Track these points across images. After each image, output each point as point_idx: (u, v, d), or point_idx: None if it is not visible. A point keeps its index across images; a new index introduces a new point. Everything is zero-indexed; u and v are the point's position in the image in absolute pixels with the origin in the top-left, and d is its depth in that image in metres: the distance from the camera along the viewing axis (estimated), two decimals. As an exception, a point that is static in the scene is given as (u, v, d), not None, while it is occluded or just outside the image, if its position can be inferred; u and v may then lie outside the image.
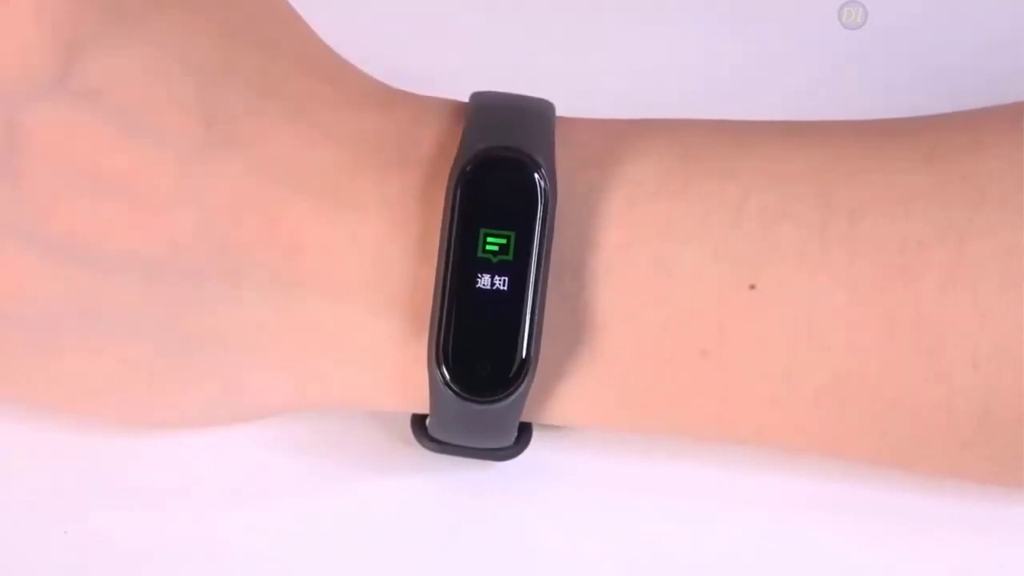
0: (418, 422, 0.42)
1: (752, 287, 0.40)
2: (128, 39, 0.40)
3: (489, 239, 0.40)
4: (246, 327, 0.40)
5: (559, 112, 0.41)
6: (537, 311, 0.39)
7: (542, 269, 0.39)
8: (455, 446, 0.42)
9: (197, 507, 0.43)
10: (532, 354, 0.39)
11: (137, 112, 0.40)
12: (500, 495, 0.43)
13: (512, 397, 0.40)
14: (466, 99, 0.42)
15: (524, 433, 0.42)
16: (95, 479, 0.43)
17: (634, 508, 0.43)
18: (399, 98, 0.42)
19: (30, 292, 0.39)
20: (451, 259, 0.39)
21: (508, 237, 0.40)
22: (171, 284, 0.40)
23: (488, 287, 0.40)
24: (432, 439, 0.42)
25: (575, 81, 0.43)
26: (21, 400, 0.43)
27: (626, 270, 0.40)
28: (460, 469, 0.43)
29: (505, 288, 0.39)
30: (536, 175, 0.40)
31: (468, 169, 0.40)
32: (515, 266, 0.40)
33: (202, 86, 0.40)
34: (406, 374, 0.41)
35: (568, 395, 0.41)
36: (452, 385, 0.40)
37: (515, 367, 0.39)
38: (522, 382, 0.39)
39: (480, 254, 0.39)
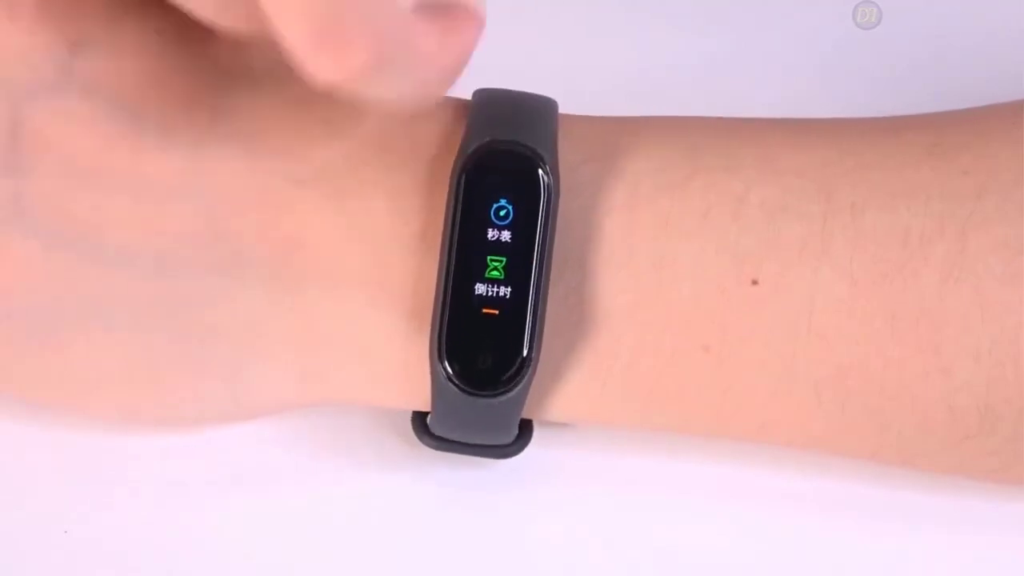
0: (419, 419, 0.42)
1: (754, 281, 0.40)
2: (131, 34, 0.40)
3: (492, 233, 0.40)
4: (246, 321, 0.40)
5: (563, 109, 0.41)
6: (540, 305, 0.39)
7: (544, 263, 0.39)
8: (456, 443, 0.42)
9: (198, 506, 0.43)
10: (534, 347, 0.39)
11: (140, 106, 0.40)
12: (500, 492, 0.43)
13: (514, 391, 0.40)
14: (469, 97, 0.42)
15: (525, 431, 0.42)
16: (95, 479, 0.43)
17: (635, 506, 0.43)
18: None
19: (32, 285, 0.39)
20: (453, 253, 0.39)
21: (511, 231, 0.40)
22: (172, 278, 0.40)
23: (490, 282, 0.40)
24: (433, 436, 0.42)
25: (581, 80, 0.43)
26: (22, 398, 0.43)
27: (628, 265, 0.40)
28: (460, 466, 0.43)
29: (507, 283, 0.40)
30: (539, 170, 0.40)
31: (471, 162, 0.40)
32: (517, 260, 0.40)
33: (205, 80, 0.40)
34: (407, 370, 0.40)
35: (569, 391, 0.41)
36: (454, 379, 0.40)
37: (517, 361, 0.39)
38: (524, 375, 0.39)
39: (483, 248, 0.39)
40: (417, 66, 0.34)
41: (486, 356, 0.40)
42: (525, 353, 0.40)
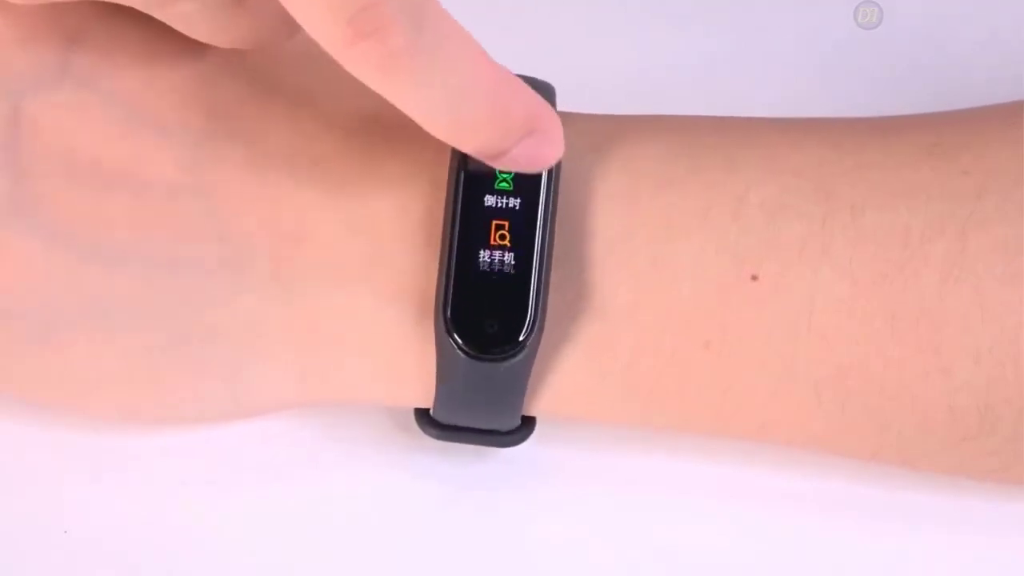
0: (422, 410, 0.42)
1: (754, 279, 0.40)
2: (128, 30, 0.40)
3: (495, 199, 0.39)
4: (247, 321, 0.40)
5: (563, 108, 0.41)
6: (544, 269, 0.39)
7: (549, 227, 0.39)
8: (459, 431, 0.41)
9: (198, 506, 0.43)
10: (539, 311, 0.39)
11: (139, 103, 0.40)
12: (500, 491, 0.43)
13: (521, 355, 0.39)
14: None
15: (527, 419, 0.42)
16: (95, 479, 0.43)
17: (635, 506, 0.43)
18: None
19: (32, 285, 0.39)
20: (458, 220, 0.39)
21: (515, 197, 0.39)
22: (173, 275, 0.40)
23: (495, 248, 0.39)
24: (436, 426, 0.41)
25: (581, 80, 0.43)
26: (22, 398, 0.43)
27: (627, 262, 0.40)
28: (460, 465, 0.43)
29: (512, 248, 0.39)
30: None
31: None
32: (521, 226, 0.39)
33: (203, 78, 0.40)
34: (408, 368, 0.40)
35: (569, 387, 0.41)
36: (461, 346, 0.39)
37: (524, 325, 0.39)
38: (530, 339, 0.39)
39: (487, 214, 0.39)
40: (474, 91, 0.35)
41: (492, 321, 0.39)
42: (530, 316, 0.39)
